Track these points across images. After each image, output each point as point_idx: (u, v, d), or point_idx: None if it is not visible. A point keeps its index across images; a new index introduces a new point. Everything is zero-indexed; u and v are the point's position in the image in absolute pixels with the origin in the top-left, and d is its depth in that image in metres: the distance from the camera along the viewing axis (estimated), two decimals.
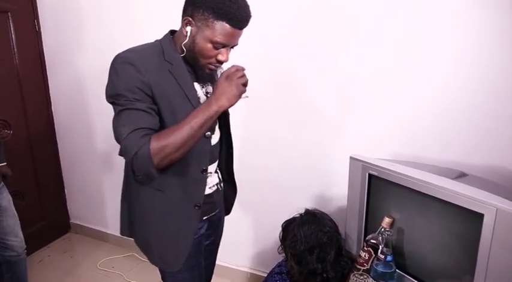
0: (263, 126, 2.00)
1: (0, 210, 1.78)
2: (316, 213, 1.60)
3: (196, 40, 1.09)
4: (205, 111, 1.04)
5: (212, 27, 1.06)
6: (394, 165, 1.37)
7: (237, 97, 1.06)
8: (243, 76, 1.08)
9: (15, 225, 1.87)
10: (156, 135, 1.04)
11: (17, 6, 2.39)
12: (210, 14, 1.04)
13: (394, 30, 1.61)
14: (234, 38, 1.10)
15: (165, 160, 1.04)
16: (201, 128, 1.05)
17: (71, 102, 2.65)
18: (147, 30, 1.30)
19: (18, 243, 1.88)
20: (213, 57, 1.12)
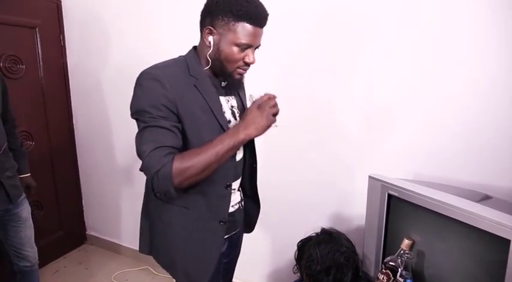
0: (281, 143, 1.99)
1: (20, 221, 1.80)
2: (332, 233, 1.57)
3: (220, 47, 1.11)
4: (232, 138, 1.05)
5: (234, 30, 1.07)
6: (415, 185, 1.34)
7: (266, 128, 1.08)
8: (275, 106, 1.09)
9: (31, 236, 1.89)
10: (180, 155, 1.04)
11: (44, 22, 2.47)
12: (230, 18, 1.06)
13: (413, 48, 1.60)
14: (256, 37, 1.11)
15: (186, 181, 1.05)
16: (226, 154, 1.06)
17: (91, 116, 2.70)
18: (170, 46, 1.33)
19: (33, 254, 1.90)
20: (240, 60, 1.13)
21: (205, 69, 1.17)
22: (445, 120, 1.59)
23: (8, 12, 2.26)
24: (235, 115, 1.26)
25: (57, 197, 2.70)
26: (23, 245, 1.84)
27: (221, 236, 1.25)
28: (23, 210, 1.80)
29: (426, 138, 1.64)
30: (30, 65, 2.40)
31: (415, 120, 1.65)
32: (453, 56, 1.53)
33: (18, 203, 1.78)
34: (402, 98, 1.66)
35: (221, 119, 1.16)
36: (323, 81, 1.84)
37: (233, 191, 1.31)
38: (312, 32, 1.82)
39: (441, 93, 1.58)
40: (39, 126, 2.51)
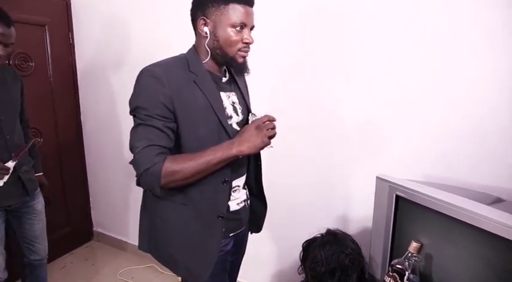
0: (287, 144, 1.97)
1: (35, 213, 1.85)
2: (337, 234, 1.55)
3: (217, 33, 1.13)
4: (225, 151, 1.08)
5: (226, 13, 1.10)
6: (423, 187, 1.31)
7: (259, 149, 1.11)
8: (273, 129, 1.11)
9: (44, 229, 1.93)
10: (172, 157, 1.08)
11: (53, 20, 2.49)
12: (220, 3, 1.10)
13: (421, 48, 1.56)
14: (248, 16, 1.13)
15: (172, 184, 1.09)
16: (216, 165, 1.10)
17: (99, 113, 2.72)
18: (178, 44, 1.32)
19: (43, 247, 1.94)
20: (239, 41, 1.14)
21: (206, 61, 1.19)
22: (454, 121, 1.55)
23: (19, 10, 2.28)
24: (237, 111, 1.26)
25: (65, 193, 2.71)
26: (36, 238, 1.88)
27: (220, 231, 1.24)
28: (38, 203, 1.86)
29: (435, 139, 1.60)
30: (39, 63, 2.42)
31: (423, 121, 1.62)
32: (462, 57, 1.49)
33: (34, 196, 1.83)
34: (410, 99, 1.63)
35: (221, 115, 1.17)
36: (329, 82, 1.81)
37: (237, 188, 1.31)
38: (316, 34, 1.80)
39: (450, 94, 1.54)
40: (48, 123, 2.53)
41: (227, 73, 1.29)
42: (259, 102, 1.58)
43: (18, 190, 1.72)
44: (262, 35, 1.43)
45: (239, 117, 1.26)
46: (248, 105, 1.34)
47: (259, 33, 1.24)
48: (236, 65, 1.20)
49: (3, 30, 1.50)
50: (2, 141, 1.63)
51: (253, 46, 1.19)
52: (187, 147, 1.15)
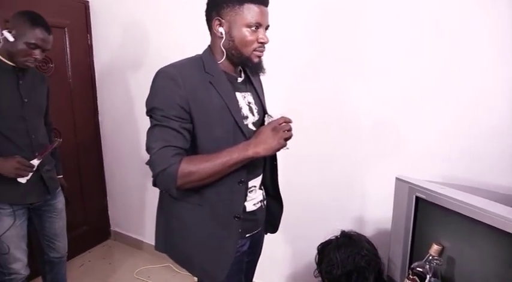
0: (303, 143, 1.95)
1: (56, 212, 1.90)
2: (352, 236, 1.53)
3: (232, 34, 1.13)
4: (241, 153, 1.08)
5: (241, 13, 1.10)
6: (444, 188, 1.28)
7: (275, 151, 1.11)
8: (289, 131, 1.10)
9: (64, 227, 1.98)
10: (189, 158, 1.08)
11: (72, 22, 2.53)
12: (234, 3, 1.10)
13: (439, 46, 1.53)
14: (263, 15, 1.13)
15: (188, 185, 1.09)
16: (232, 167, 1.10)
17: (116, 113, 2.75)
18: (195, 45, 1.32)
19: (63, 245, 1.99)
20: (254, 41, 1.14)
21: (221, 61, 1.19)
22: (472, 120, 1.52)
23: (40, 13, 2.32)
24: (253, 111, 1.26)
25: (83, 192, 2.76)
26: (56, 236, 1.93)
27: (236, 232, 1.23)
28: (58, 202, 1.91)
29: (453, 139, 1.57)
30: (59, 64, 2.47)
31: (440, 120, 1.59)
32: (480, 54, 1.46)
33: (55, 194, 1.89)
34: (427, 98, 1.60)
35: (237, 115, 1.17)
36: (345, 82, 1.79)
37: (254, 189, 1.30)
38: (331, 33, 1.79)
39: (468, 93, 1.51)
40: (67, 123, 2.57)
41: (242, 73, 1.29)
42: (274, 102, 1.57)
43: (40, 188, 1.78)
44: (277, 34, 1.42)
45: (255, 117, 1.26)
46: (264, 105, 1.33)
47: (274, 33, 1.23)
48: (252, 65, 1.20)
49: (44, 36, 1.61)
50: (27, 140, 1.69)
51: (268, 46, 1.19)
52: (203, 148, 1.15)
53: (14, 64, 1.63)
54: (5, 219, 1.68)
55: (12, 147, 1.64)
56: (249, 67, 1.23)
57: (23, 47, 1.57)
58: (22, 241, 1.75)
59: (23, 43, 1.57)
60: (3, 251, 1.68)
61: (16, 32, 1.57)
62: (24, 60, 1.61)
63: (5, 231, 1.67)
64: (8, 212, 1.68)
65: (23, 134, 1.68)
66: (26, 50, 1.58)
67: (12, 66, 1.64)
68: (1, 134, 1.62)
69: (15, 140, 1.65)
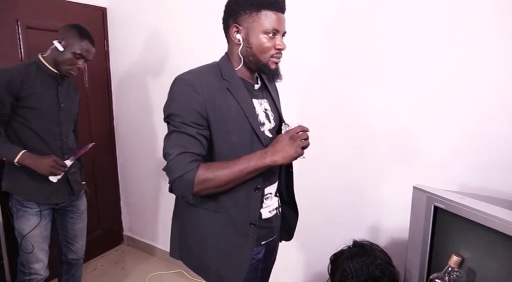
0: (318, 148, 1.93)
1: (78, 213, 1.98)
2: (365, 245, 1.50)
3: (250, 40, 1.14)
4: (258, 160, 1.08)
5: (258, 20, 1.11)
6: (463, 197, 1.25)
7: (292, 159, 1.10)
8: (306, 139, 1.10)
9: (84, 229, 2.05)
10: (206, 165, 1.08)
11: (89, 28, 2.55)
12: (252, 9, 1.11)
13: (458, 54, 1.51)
14: (280, 22, 1.14)
15: (205, 191, 1.09)
16: (249, 174, 1.10)
17: (131, 118, 2.78)
18: (211, 52, 1.33)
19: (81, 247, 2.05)
20: (271, 48, 1.15)
21: (239, 68, 1.19)
22: (490, 128, 1.49)
23: (58, 19, 2.37)
24: (270, 118, 1.26)
25: (97, 197, 2.78)
26: (76, 237, 2.00)
27: (252, 239, 1.23)
28: (81, 203, 2.00)
29: (472, 146, 1.54)
30: None
31: (457, 127, 1.57)
32: (499, 62, 1.44)
33: (79, 196, 1.98)
34: (444, 105, 1.58)
35: (253, 122, 1.17)
36: (361, 88, 1.78)
37: (269, 196, 1.29)
38: (346, 39, 1.78)
39: (486, 101, 1.49)
40: (82, 127, 2.59)
41: (259, 80, 1.29)
42: (288, 108, 1.56)
43: (66, 190, 1.86)
44: (291, 40, 1.42)
45: (271, 124, 1.26)
46: (280, 112, 1.33)
47: (288, 39, 1.23)
48: (269, 72, 1.20)
49: (89, 48, 1.77)
50: (59, 143, 1.81)
51: (283, 52, 1.19)
52: (220, 154, 1.15)
53: (57, 71, 1.76)
54: (31, 219, 1.75)
55: (45, 147, 1.74)
56: (266, 74, 1.22)
57: (70, 56, 1.71)
58: (45, 242, 1.82)
59: (70, 53, 1.71)
60: (27, 250, 1.76)
61: (65, 43, 1.71)
62: (69, 69, 1.74)
63: (31, 230, 1.74)
64: (34, 211, 1.76)
65: (56, 137, 1.79)
66: (72, 60, 1.72)
67: (54, 73, 1.76)
68: (37, 134, 1.72)
69: (49, 141, 1.76)
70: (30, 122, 1.70)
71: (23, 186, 1.74)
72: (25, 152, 1.65)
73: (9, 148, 1.65)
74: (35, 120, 1.71)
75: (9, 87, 1.62)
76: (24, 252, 1.76)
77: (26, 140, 1.71)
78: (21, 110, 1.68)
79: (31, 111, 1.69)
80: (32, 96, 1.68)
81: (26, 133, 1.71)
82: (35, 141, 1.72)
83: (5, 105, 1.63)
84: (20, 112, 1.68)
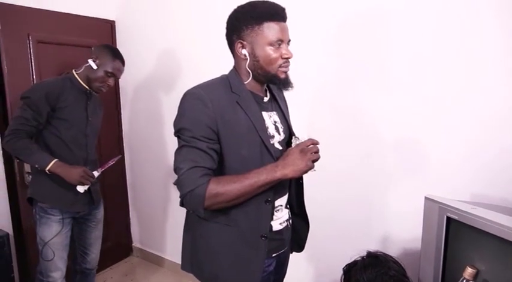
0: (328, 158, 1.92)
1: (95, 221, 2.05)
2: (378, 256, 1.48)
3: (256, 53, 1.14)
4: (269, 174, 1.08)
5: (261, 33, 1.11)
6: (476, 208, 1.23)
7: (303, 172, 1.10)
8: (317, 152, 1.10)
9: (99, 238, 2.11)
10: (216, 179, 1.08)
11: (99, 41, 2.61)
12: (253, 23, 1.11)
13: (467, 62, 1.51)
14: (283, 31, 1.14)
15: (216, 206, 1.09)
16: (260, 188, 1.09)
17: (140, 130, 2.80)
18: (220, 64, 1.33)
19: (95, 257, 2.10)
20: (278, 58, 1.15)
21: (248, 82, 1.19)
22: (502, 137, 1.47)
23: (68, 33, 2.42)
24: (279, 130, 1.26)
25: (106, 208, 2.76)
26: (91, 246, 2.06)
27: (263, 251, 1.22)
28: (99, 212, 2.07)
29: (484, 154, 1.52)
30: None
31: (468, 136, 1.55)
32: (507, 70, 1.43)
33: (98, 205, 2.05)
34: (456, 113, 1.57)
35: (263, 135, 1.17)
36: (371, 96, 1.78)
37: (280, 208, 1.29)
38: (356, 48, 1.78)
39: (497, 109, 1.47)
40: None
41: (268, 92, 1.29)
42: (298, 119, 1.56)
43: (86, 199, 1.93)
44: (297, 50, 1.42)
45: (281, 136, 1.26)
46: (289, 124, 1.33)
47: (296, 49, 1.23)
48: (279, 82, 1.20)
49: (120, 68, 1.91)
50: (85, 154, 1.91)
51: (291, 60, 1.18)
52: (230, 168, 1.15)
53: (88, 87, 1.88)
54: (53, 225, 1.82)
55: (71, 157, 1.83)
56: (277, 84, 1.22)
57: (102, 74, 1.84)
58: (64, 250, 1.88)
59: (102, 71, 1.83)
60: (48, 258, 1.81)
61: (99, 62, 1.83)
62: (100, 86, 1.87)
63: (53, 237, 1.80)
64: (57, 218, 1.82)
65: (82, 148, 1.89)
66: (104, 77, 1.85)
67: (85, 89, 1.88)
68: (66, 144, 1.82)
69: (75, 151, 1.86)
70: (61, 132, 1.80)
71: (48, 192, 1.81)
72: (57, 160, 1.73)
73: (42, 156, 1.73)
74: (65, 131, 1.81)
75: (47, 98, 1.72)
76: (45, 259, 1.81)
77: (55, 149, 1.80)
78: (54, 120, 1.78)
79: (63, 122, 1.80)
80: (66, 109, 1.79)
81: (55, 142, 1.80)
82: (63, 150, 1.82)
83: (42, 115, 1.73)
84: (53, 122, 1.78)
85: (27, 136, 1.72)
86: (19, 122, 1.70)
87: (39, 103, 1.71)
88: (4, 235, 2.07)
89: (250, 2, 1.15)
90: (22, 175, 2.21)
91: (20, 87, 2.18)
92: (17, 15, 2.15)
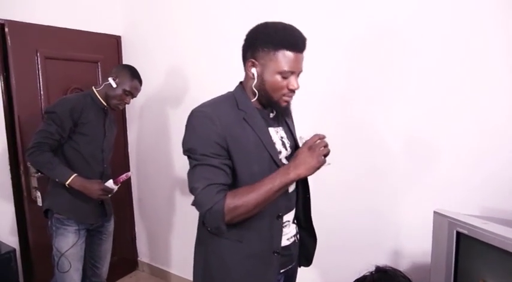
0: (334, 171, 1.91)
1: (106, 234, 2.10)
2: (387, 270, 1.46)
3: (264, 77, 1.12)
4: (283, 177, 1.07)
5: (275, 59, 1.09)
6: (487, 223, 1.22)
7: (316, 169, 1.08)
8: (326, 146, 1.09)
9: (109, 251, 2.15)
10: (232, 193, 1.07)
11: (105, 56, 2.65)
12: (270, 48, 1.08)
13: (476, 72, 1.51)
14: (298, 63, 1.12)
15: (236, 218, 1.08)
16: (276, 193, 1.08)
17: (145, 145, 2.81)
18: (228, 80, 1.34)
19: (105, 270, 2.14)
20: (284, 87, 1.13)
21: (253, 101, 1.19)
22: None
23: (75, 48, 2.45)
24: (286, 145, 1.25)
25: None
26: (101, 258, 2.10)
27: (276, 268, 1.22)
28: (110, 225, 2.13)
29: (495, 168, 1.51)
30: None
31: (480, 148, 1.54)
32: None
33: (110, 218, 2.11)
34: (466, 125, 1.56)
35: (272, 150, 1.17)
36: (380, 108, 1.78)
37: (287, 223, 1.28)
38: (364, 59, 1.79)
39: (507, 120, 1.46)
40: None
41: None
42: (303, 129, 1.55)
43: (99, 211, 2.00)
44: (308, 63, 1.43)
45: (287, 151, 1.26)
46: (295, 139, 1.33)
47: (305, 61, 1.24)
48: (278, 109, 1.21)
49: (138, 87, 2.00)
50: (101, 168, 1.98)
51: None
52: (242, 183, 1.14)
53: (106, 104, 1.95)
54: (70, 236, 1.86)
55: (89, 171, 1.90)
56: (276, 110, 1.23)
57: (120, 92, 1.92)
58: (80, 262, 1.92)
59: (121, 89, 1.92)
60: (64, 269, 1.85)
61: (118, 80, 1.92)
62: (118, 104, 1.95)
63: (70, 247, 1.85)
64: (73, 229, 1.87)
65: (99, 162, 1.97)
66: (122, 95, 1.93)
67: (104, 105, 1.96)
68: (84, 159, 1.89)
69: (93, 166, 1.93)
70: (81, 146, 1.87)
71: (65, 204, 1.86)
72: (76, 175, 1.79)
73: (62, 171, 1.79)
74: (84, 145, 1.88)
75: (72, 114, 1.80)
76: (61, 271, 1.85)
77: (74, 163, 1.87)
78: (75, 135, 1.86)
79: (83, 137, 1.87)
80: (87, 124, 1.87)
81: (75, 156, 1.87)
82: (82, 164, 1.88)
83: (65, 130, 1.80)
84: (74, 137, 1.86)
85: (50, 149, 1.78)
86: (43, 135, 1.76)
87: (63, 118, 1.78)
88: (11, 250, 2.06)
89: (274, 24, 1.12)
90: (29, 190, 2.22)
91: (28, 102, 2.22)
92: (26, 32, 2.19)
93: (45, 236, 1.95)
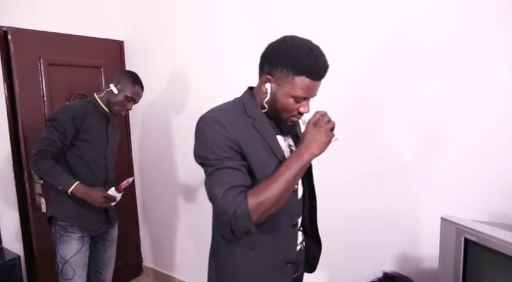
0: (340, 177, 1.92)
1: (110, 240, 2.10)
2: (395, 277, 1.44)
3: (277, 96, 1.10)
4: (298, 161, 1.04)
5: (292, 83, 1.06)
6: (495, 229, 1.20)
7: (327, 144, 1.06)
8: (330, 121, 1.08)
9: (113, 257, 2.15)
10: (252, 191, 1.03)
11: (108, 62, 2.64)
12: (289, 71, 1.05)
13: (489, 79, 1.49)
14: (314, 89, 1.10)
15: (263, 216, 1.03)
16: (295, 179, 1.05)
17: (149, 151, 2.81)
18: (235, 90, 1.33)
19: (109, 276, 2.16)
20: (295, 110, 1.12)
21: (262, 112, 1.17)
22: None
23: (77, 54, 2.45)
24: None
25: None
26: (104, 265, 2.10)
27: (289, 277, 1.21)
28: (114, 231, 2.13)
29: (504, 173, 1.49)
30: None
31: (487, 153, 1.52)
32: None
33: (114, 224, 2.12)
34: (475, 131, 1.55)
35: (281, 157, 1.15)
36: (387, 112, 1.77)
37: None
38: (366, 61, 1.78)
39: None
40: None
41: None
42: None
43: (103, 218, 1.99)
44: None
45: None
46: None
47: None
48: (284, 126, 1.22)
49: (139, 93, 1.99)
50: (105, 175, 1.98)
51: None
52: None
53: (108, 110, 1.95)
54: (74, 243, 1.87)
55: (92, 178, 1.90)
56: (281, 127, 1.23)
57: (122, 98, 1.91)
58: (84, 269, 1.92)
59: (123, 96, 1.91)
60: (68, 276, 1.85)
61: (120, 87, 1.91)
62: (120, 110, 1.94)
63: (73, 254, 1.85)
64: (77, 236, 1.87)
65: (102, 169, 1.96)
66: (123, 101, 1.92)
67: (106, 112, 1.95)
68: (87, 165, 1.89)
69: (97, 173, 1.93)
70: (84, 153, 1.87)
71: (69, 211, 1.86)
72: (78, 183, 1.79)
73: (65, 179, 1.78)
74: (87, 152, 1.88)
75: (74, 121, 1.80)
76: (65, 278, 1.85)
77: (78, 170, 1.87)
78: (78, 142, 1.85)
79: (86, 144, 1.87)
80: (89, 131, 1.87)
81: (78, 163, 1.87)
82: (85, 171, 1.88)
83: (67, 137, 1.80)
84: (76, 144, 1.85)
85: (52, 157, 1.78)
86: (45, 143, 1.76)
87: (65, 125, 1.78)
88: (15, 257, 2.06)
89: (301, 44, 1.06)
90: (33, 197, 2.22)
91: (32, 109, 2.22)
92: (29, 39, 2.19)
93: (50, 243, 1.94)
